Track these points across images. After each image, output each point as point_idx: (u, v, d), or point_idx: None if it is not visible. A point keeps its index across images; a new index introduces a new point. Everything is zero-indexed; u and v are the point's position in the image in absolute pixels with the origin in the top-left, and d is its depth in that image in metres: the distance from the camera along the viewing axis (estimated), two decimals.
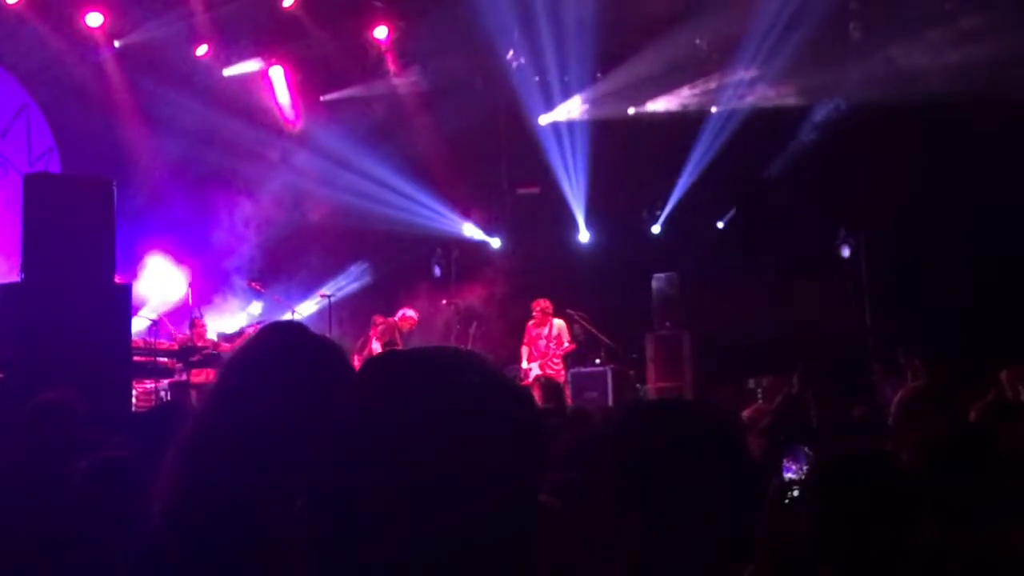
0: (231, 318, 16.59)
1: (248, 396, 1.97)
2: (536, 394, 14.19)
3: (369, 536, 1.27)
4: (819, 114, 15.72)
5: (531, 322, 14.94)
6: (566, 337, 14.79)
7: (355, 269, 17.37)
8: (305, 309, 16.31)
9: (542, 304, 14.87)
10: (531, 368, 14.64)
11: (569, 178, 17.40)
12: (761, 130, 15.58)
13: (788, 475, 2.84)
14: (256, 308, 16.77)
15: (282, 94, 17.55)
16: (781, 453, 2.88)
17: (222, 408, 2.00)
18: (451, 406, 1.29)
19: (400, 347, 14.30)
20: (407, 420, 1.29)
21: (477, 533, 1.26)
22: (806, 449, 2.89)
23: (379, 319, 14.79)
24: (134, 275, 14.45)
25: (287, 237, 17.40)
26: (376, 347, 14.29)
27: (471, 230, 18.08)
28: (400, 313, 14.78)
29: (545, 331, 14.76)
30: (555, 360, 14.71)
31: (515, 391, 1.38)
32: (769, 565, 2.39)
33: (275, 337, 2.11)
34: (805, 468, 2.85)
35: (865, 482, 2.51)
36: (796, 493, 2.79)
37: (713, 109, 16.29)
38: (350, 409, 1.36)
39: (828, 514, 2.49)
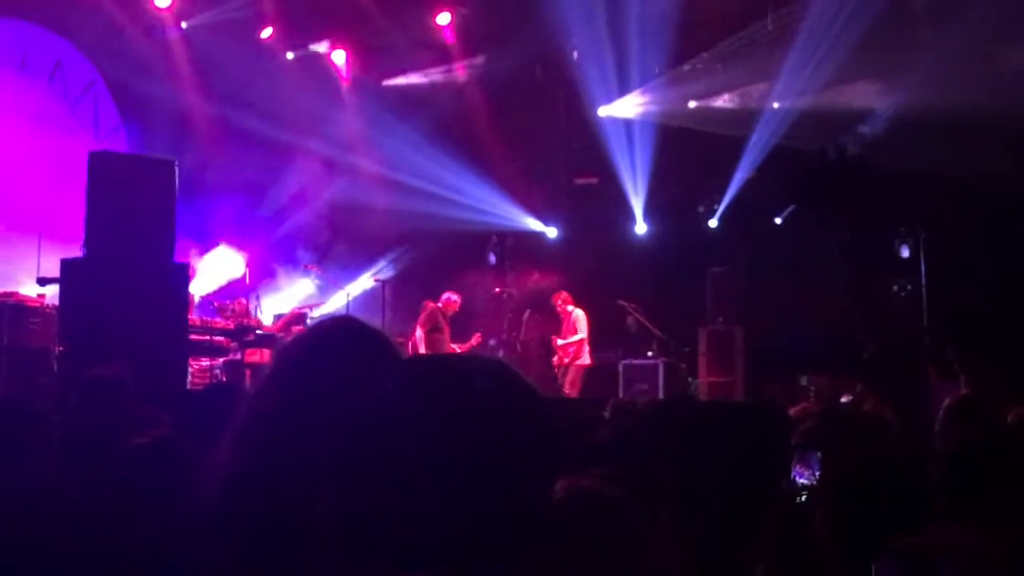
0: (288, 292, 16.83)
1: (301, 387, 2.01)
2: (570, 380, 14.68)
3: (387, 531, 1.33)
4: (880, 111, 15.52)
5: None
6: (580, 326, 15.03)
7: (407, 253, 17.44)
8: (357, 290, 16.43)
9: (562, 296, 15.31)
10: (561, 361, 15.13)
11: (627, 169, 17.35)
12: (821, 127, 15.43)
13: (800, 480, 2.86)
14: (310, 286, 16.93)
15: (344, 78, 17.69)
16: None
17: (275, 397, 2.04)
18: (466, 412, 1.35)
19: (446, 331, 14.39)
20: (424, 423, 1.35)
21: (487, 531, 1.32)
22: (818, 454, 2.91)
23: (429, 304, 14.88)
24: (197, 251, 14.71)
25: (344, 219, 17.56)
26: (419, 333, 14.36)
27: (527, 219, 18.10)
28: (444, 297, 14.79)
29: (566, 323, 15.11)
30: (569, 347, 15.02)
31: (529, 401, 1.43)
32: (779, 567, 2.41)
33: (331, 330, 2.15)
34: (817, 473, 2.87)
35: (880, 485, 2.53)
36: (805, 498, 2.80)
37: (775, 105, 16.13)
38: (368, 409, 1.42)
39: (844, 515, 2.52)
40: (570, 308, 15.15)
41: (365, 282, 16.81)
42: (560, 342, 15.09)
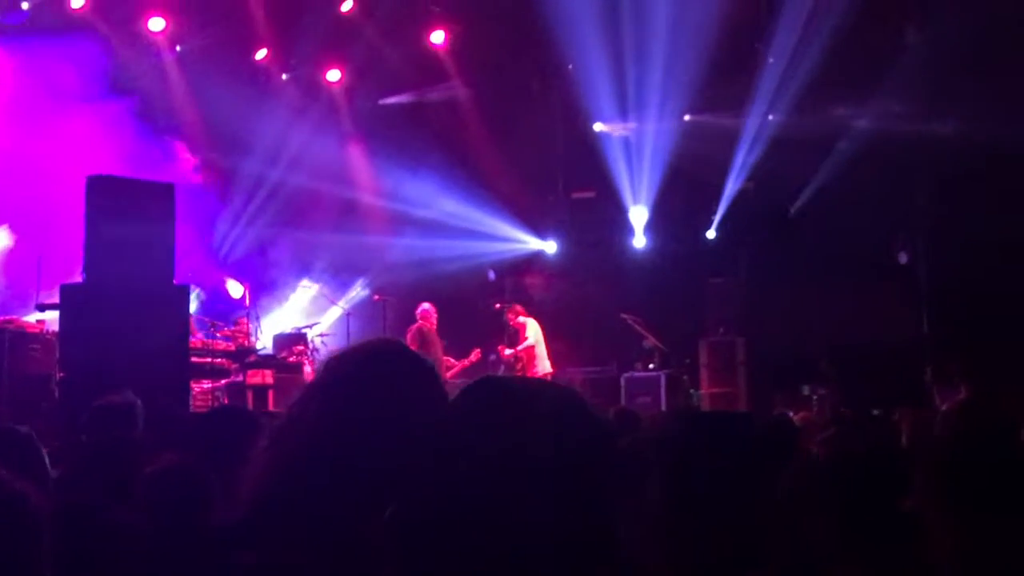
0: (286, 309, 16.89)
1: (346, 408, 2.01)
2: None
3: (451, 547, 1.36)
4: (875, 119, 15.49)
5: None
6: (528, 332, 15.07)
7: (403, 270, 17.35)
8: (354, 309, 16.40)
9: (514, 309, 15.46)
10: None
11: (625, 182, 17.36)
12: (816, 135, 15.43)
13: None
14: (307, 303, 16.98)
15: (339, 97, 17.72)
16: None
17: (320, 414, 2.03)
18: (538, 434, 1.39)
19: (437, 344, 14.15)
20: (497, 444, 1.38)
21: (553, 548, 1.36)
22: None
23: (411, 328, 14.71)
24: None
25: (338, 235, 17.52)
26: None
27: (526, 234, 18.09)
28: (418, 312, 14.59)
29: (520, 334, 15.20)
30: (520, 354, 15.05)
31: (596, 421, 1.47)
32: (779, 571, 2.41)
33: (382, 351, 2.16)
34: None
35: (880, 475, 2.54)
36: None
37: (769, 117, 16.12)
38: (440, 427, 1.46)
39: (848, 512, 2.52)
40: (521, 319, 15.18)
41: (361, 300, 16.82)
42: (508, 351, 15.08)
